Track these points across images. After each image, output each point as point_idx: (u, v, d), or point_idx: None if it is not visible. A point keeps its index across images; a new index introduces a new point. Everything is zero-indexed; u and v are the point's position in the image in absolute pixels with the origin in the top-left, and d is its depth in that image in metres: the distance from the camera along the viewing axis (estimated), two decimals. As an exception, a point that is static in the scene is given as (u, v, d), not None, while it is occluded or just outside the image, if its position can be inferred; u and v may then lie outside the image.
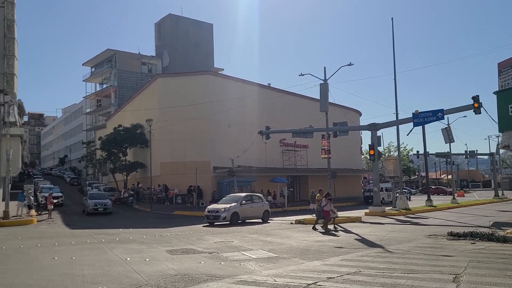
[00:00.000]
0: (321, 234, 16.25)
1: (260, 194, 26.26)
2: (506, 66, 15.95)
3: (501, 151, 60.10)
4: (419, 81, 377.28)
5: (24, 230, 18.82)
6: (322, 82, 26.91)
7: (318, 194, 19.92)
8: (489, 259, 9.64)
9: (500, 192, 49.43)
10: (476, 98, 22.18)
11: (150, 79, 50.57)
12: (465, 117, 54.70)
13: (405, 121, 26.81)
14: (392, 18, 31.61)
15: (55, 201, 29.42)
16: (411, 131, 31.92)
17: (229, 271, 8.76)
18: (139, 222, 23.37)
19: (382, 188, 36.56)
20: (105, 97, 64.22)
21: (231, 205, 21.76)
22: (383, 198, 35.74)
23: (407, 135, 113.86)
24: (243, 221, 21.89)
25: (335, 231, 17.28)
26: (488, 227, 16.36)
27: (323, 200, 18.15)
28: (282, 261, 10.10)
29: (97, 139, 51.48)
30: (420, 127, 32.96)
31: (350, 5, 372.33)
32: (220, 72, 57.33)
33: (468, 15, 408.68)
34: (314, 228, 18.17)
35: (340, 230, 17.50)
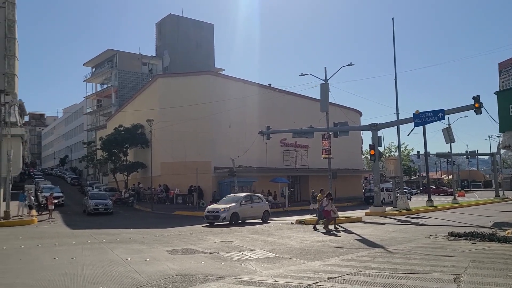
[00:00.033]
0: (322, 234, 16.24)
1: (260, 194, 26.25)
2: (507, 66, 15.97)
3: (502, 151, 60.12)
4: (419, 81, 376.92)
5: (25, 230, 18.84)
6: (323, 82, 26.90)
7: (320, 194, 19.91)
8: (490, 259, 9.63)
9: (500, 192, 49.46)
10: (476, 98, 22.18)
11: (150, 79, 50.57)
12: (465, 117, 54.85)
13: (405, 121, 26.80)
14: (392, 18, 31.68)
15: (55, 201, 29.46)
16: (411, 131, 31.94)
17: (229, 271, 8.76)
18: (139, 222, 23.38)
19: (383, 188, 36.55)
20: (105, 97, 64.32)
21: (230, 205, 21.74)
22: (383, 198, 35.74)
23: (407, 135, 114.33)
24: (243, 221, 21.89)
25: (335, 231, 17.28)
26: (489, 227, 16.36)
27: (324, 200, 18.16)
28: (282, 261, 10.10)
29: (97, 139, 51.51)
30: (421, 127, 33.00)
31: (350, 5, 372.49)
32: (221, 72, 57.37)
33: (469, 15, 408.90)
34: (315, 228, 18.17)
35: (340, 230, 17.49)
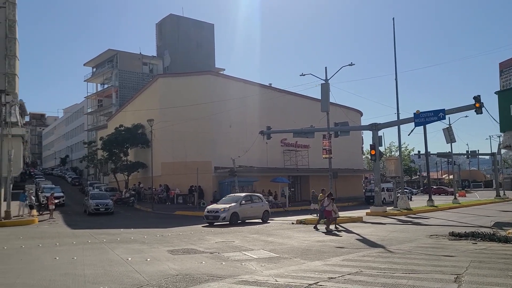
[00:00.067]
0: (323, 234, 16.24)
1: (260, 194, 26.23)
2: (508, 66, 15.95)
3: (503, 151, 59.96)
4: (420, 81, 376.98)
5: (26, 230, 18.85)
6: (323, 82, 26.88)
7: (321, 194, 19.92)
8: (490, 259, 9.62)
9: (501, 192, 49.42)
10: (477, 98, 22.17)
11: (151, 79, 50.59)
12: (466, 117, 54.78)
13: (406, 121, 26.79)
14: (393, 18, 31.68)
15: (56, 201, 29.44)
16: (412, 131, 31.81)
17: (230, 271, 8.76)
18: (140, 222, 23.39)
19: (383, 188, 36.53)
20: (106, 97, 64.34)
21: (230, 205, 21.72)
22: (384, 198, 35.72)
23: (408, 135, 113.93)
24: (243, 221, 21.87)
25: (336, 231, 17.28)
26: (490, 227, 16.35)
27: (326, 200, 18.14)
28: (283, 261, 10.10)
29: (98, 139, 51.53)
30: (422, 127, 32.94)
31: (351, 5, 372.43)
32: (221, 72, 57.39)
33: (469, 15, 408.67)
34: (316, 228, 18.17)
35: (341, 230, 17.49)
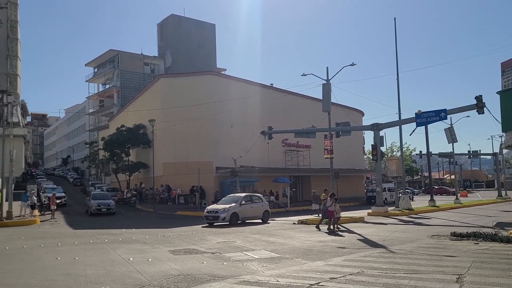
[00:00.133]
0: (324, 234, 16.24)
1: (260, 194, 26.22)
2: (509, 66, 15.90)
3: (505, 151, 59.92)
4: (421, 81, 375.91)
5: (27, 230, 18.88)
6: (325, 82, 26.85)
7: (324, 194, 19.92)
8: (492, 260, 9.61)
9: (503, 192, 49.38)
10: (479, 98, 22.16)
11: (152, 79, 50.60)
12: (468, 117, 54.61)
13: (408, 121, 26.76)
14: (394, 18, 31.70)
15: (58, 201, 29.46)
16: (414, 131, 31.79)
17: (231, 271, 8.77)
18: (141, 222, 23.41)
19: (385, 188, 36.48)
20: (108, 97, 64.41)
21: (230, 205, 21.71)
22: (385, 198, 35.67)
23: (409, 135, 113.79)
24: (243, 221, 21.86)
25: (338, 231, 17.27)
26: (492, 227, 16.32)
27: (328, 200, 18.12)
28: (284, 261, 10.10)
29: (100, 139, 51.58)
30: (423, 127, 32.91)
31: (352, 5, 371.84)
32: (223, 73, 57.40)
33: (471, 15, 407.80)
34: (318, 228, 18.18)
35: (343, 231, 17.48)
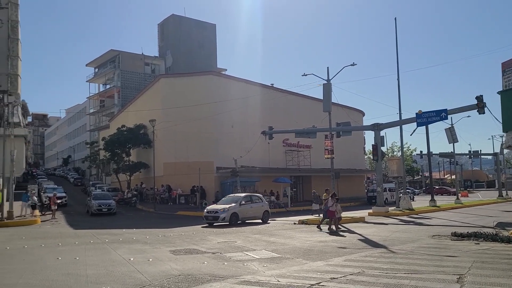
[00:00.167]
0: (325, 234, 16.23)
1: (260, 194, 26.21)
2: (510, 66, 15.87)
3: (505, 151, 59.89)
4: (422, 81, 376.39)
5: (28, 230, 18.90)
6: (325, 82, 26.84)
7: (325, 194, 19.93)
8: (493, 260, 9.61)
9: (504, 192, 49.32)
10: (479, 98, 22.13)
11: (153, 79, 50.63)
12: (468, 117, 54.65)
13: (408, 121, 26.74)
14: (395, 18, 31.69)
15: (58, 201, 29.49)
16: (414, 131, 31.84)
17: (232, 271, 8.77)
18: (142, 223, 23.42)
19: (386, 188, 36.48)
20: (108, 97, 64.44)
21: (230, 205, 21.70)
22: (386, 199, 35.65)
23: (410, 135, 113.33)
24: (243, 221, 21.84)
25: (339, 231, 17.26)
26: (492, 228, 16.30)
27: (330, 200, 18.10)
28: (285, 261, 10.10)
29: (100, 139, 51.58)
30: (424, 127, 32.87)
31: (353, 5, 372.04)
32: (223, 73, 57.40)
33: (472, 14, 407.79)
34: (319, 228, 18.18)
35: (343, 231, 17.48)
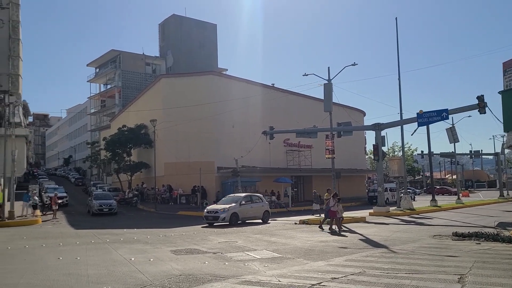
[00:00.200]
0: (326, 234, 16.23)
1: (260, 194, 26.19)
2: (511, 66, 15.86)
3: (506, 151, 59.76)
4: (423, 81, 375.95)
5: (29, 230, 18.91)
6: (326, 82, 26.85)
7: (326, 194, 19.92)
8: (494, 260, 9.60)
9: (505, 192, 49.25)
10: (480, 98, 22.10)
11: (154, 79, 50.70)
12: (469, 117, 54.66)
13: (409, 121, 26.71)
14: (396, 18, 31.67)
15: (60, 201, 29.52)
16: (415, 131, 31.56)
17: (233, 271, 8.77)
18: (143, 222, 23.44)
19: (387, 188, 36.46)
20: (109, 97, 64.55)
21: (230, 205, 21.69)
22: (387, 198, 35.60)
23: (411, 135, 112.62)
24: (243, 221, 21.83)
25: (340, 231, 17.25)
26: (493, 227, 16.29)
27: (331, 200, 18.07)
28: (286, 261, 10.09)
29: (101, 139, 51.68)
30: (425, 127, 32.79)
31: (353, 5, 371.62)
32: (224, 73, 57.44)
33: (473, 14, 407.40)
34: (321, 228, 18.17)
35: (344, 231, 17.46)
